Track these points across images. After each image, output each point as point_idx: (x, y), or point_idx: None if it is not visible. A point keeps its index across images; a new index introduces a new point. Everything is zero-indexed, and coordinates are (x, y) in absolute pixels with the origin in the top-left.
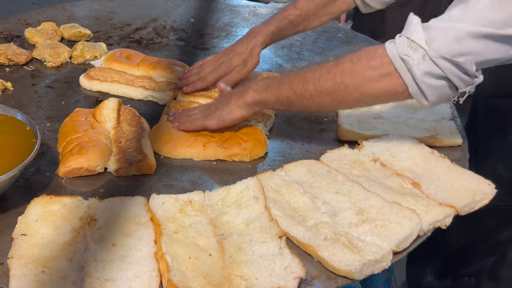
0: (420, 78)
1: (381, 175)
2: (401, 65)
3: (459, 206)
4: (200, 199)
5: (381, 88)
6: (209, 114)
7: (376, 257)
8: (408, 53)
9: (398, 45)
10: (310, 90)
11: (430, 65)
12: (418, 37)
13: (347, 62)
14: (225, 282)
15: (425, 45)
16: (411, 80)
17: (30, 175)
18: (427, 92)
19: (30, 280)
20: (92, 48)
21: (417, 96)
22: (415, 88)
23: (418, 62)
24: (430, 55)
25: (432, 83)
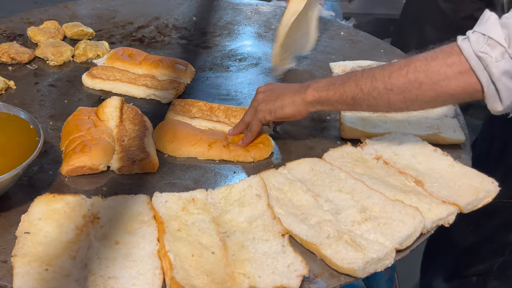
0: (497, 76)
1: (384, 173)
2: (477, 63)
3: (462, 204)
4: (203, 197)
5: (458, 86)
6: (259, 106)
7: (379, 255)
8: (486, 51)
9: (474, 43)
10: (379, 88)
11: (510, 64)
12: (496, 34)
13: (421, 60)
14: (228, 280)
15: (505, 43)
16: (487, 79)
17: (33, 173)
18: (503, 94)
19: (34, 278)
20: (95, 46)
21: (492, 98)
22: (491, 88)
23: (496, 59)
24: (510, 53)
25: (510, 84)
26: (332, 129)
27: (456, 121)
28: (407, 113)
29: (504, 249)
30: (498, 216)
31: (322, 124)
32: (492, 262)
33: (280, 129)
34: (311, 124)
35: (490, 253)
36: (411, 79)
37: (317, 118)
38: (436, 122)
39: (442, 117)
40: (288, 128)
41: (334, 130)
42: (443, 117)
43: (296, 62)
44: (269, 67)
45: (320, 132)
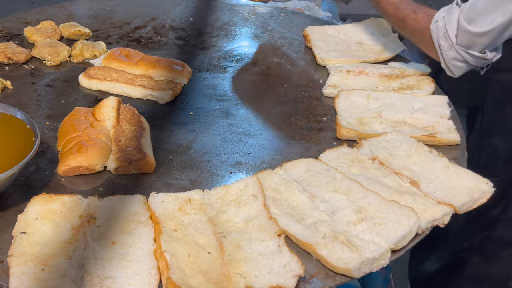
0: (448, 60)
1: (379, 174)
2: (437, 47)
3: (458, 205)
4: (199, 198)
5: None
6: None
7: (374, 255)
8: (440, 41)
9: (438, 30)
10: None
11: (455, 54)
12: (451, 30)
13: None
14: (224, 280)
15: (453, 38)
16: (442, 59)
17: (30, 173)
18: (453, 70)
19: (30, 278)
20: (92, 47)
21: (447, 71)
22: (444, 65)
23: (446, 49)
24: (456, 48)
25: (457, 64)
26: (328, 130)
27: (451, 123)
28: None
29: (485, 225)
30: None
31: (318, 124)
32: (474, 238)
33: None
34: (308, 125)
35: (473, 230)
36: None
37: (313, 119)
38: (432, 124)
39: (438, 119)
40: (284, 129)
41: (330, 131)
42: (439, 119)
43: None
44: (266, 68)
45: (317, 132)
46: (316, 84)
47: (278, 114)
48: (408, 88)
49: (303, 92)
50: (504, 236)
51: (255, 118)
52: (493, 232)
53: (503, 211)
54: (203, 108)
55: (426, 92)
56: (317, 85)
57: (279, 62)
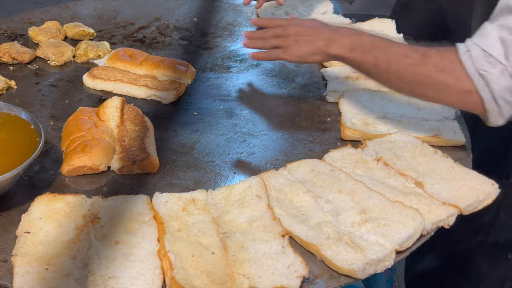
0: (499, 93)
1: (384, 175)
2: (479, 80)
3: (462, 206)
4: (203, 198)
5: (458, 100)
6: (289, 48)
7: (379, 256)
8: (486, 69)
9: (475, 59)
10: (391, 74)
11: (510, 81)
12: (497, 52)
13: (432, 65)
14: (228, 280)
15: (504, 61)
16: (488, 95)
17: (34, 173)
18: (503, 109)
19: (34, 278)
20: (96, 47)
21: (494, 113)
22: (492, 103)
23: (497, 77)
24: (510, 71)
25: (510, 99)
26: (332, 130)
27: (456, 123)
28: (408, 115)
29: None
30: None
31: (323, 125)
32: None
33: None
34: (312, 125)
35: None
36: (419, 80)
37: (318, 120)
38: (437, 124)
39: (443, 119)
40: (289, 129)
41: (335, 131)
42: (444, 119)
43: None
44: (269, 68)
45: (321, 133)
46: (320, 85)
47: (282, 115)
48: None
49: (307, 92)
50: (499, 241)
51: (259, 118)
52: (488, 237)
53: (495, 216)
54: (206, 108)
55: None
56: (321, 85)
57: (283, 62)
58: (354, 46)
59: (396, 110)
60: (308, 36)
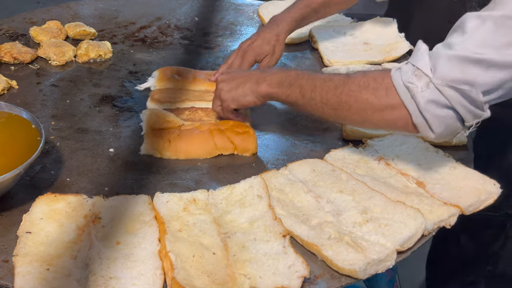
0: (424, 106)
1: (385, 174)
2: (405, 93)
3: (464, 206)
4: (204, 198)
5: (383, 118)
6: (223, 94)
7: (380, 256)
8: (413, 81)
9: (404, 73)
10: (317, 100)
11: (434, 93)
12: (423, 65)
13: (355, 84)
14: (229, 280)
15: (430, 73)
16: (415, 108)
17: (35, 173)
18: (432, 122)
19: (35, 278)
20: (97, 46)
21: (422, 127)
22: (419, 117)
23: (422, 89)
24: (435, 82)
25: (437, 112)
26: (333, 130)
27: None
28: None
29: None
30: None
31: (324, 125)
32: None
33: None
34: (313, 125)
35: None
36: (342, 101)
37: (319, 119)
38: None
39: None
40: (290, 129)
41: (336, 131)
42: None
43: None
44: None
45: (322, 133)
46: None
47: (283, 114)
48: None
49: None
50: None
51: (260, 118)
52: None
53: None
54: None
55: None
56: None
57: (285, 62)
58: (281, 80)
59: None
60: (238, 79)
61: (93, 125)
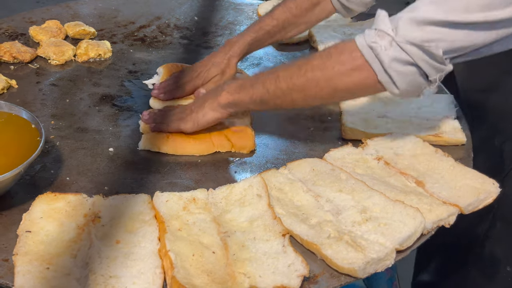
0: (388, 64)
1: (384, 174)
2: (369, 53)
3: (463, 205)
4: (203, 197)
5: (352, 81)
6: (184, 117)
7: (379, 255)
8: (376, 41)
9: (366, 36)
10: (283, 88)
11: (397, 51)
12: (385, 26)
13: (317, 59)
14: (229, 279)
15: (392, 32)
16: (379, 67)
17: (35, 172)
18: (396, 79)
19: (35, 277)
20: (96, 46)
21: (387, 84)
22: (384, 75)
23: (385, 48)
24: (397, 40)
25: (400, 69)
26: (333, 129)
27: (457, 122)
28: (409, 114)
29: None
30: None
31: (323, 124)
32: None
33: None
34: (312, 125)
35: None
36: (309, 78)
37: (318, 119)
38: (437, 123)
39: (443, 118)
40: (289, 128)
41: (335, 131)
42: (444, 118)
43: None
44: (270, 67)
45: (321, 132)
46: None
47: (282, 114)
48: None
49: None
50: (495, 254)
51: (259, 117)
52: (484, 249)
53: (491, 227)
54: None
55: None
56: None
57: (285, 61)
58: (241, 84)
59: (397, 109)
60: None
61: (93, 125)
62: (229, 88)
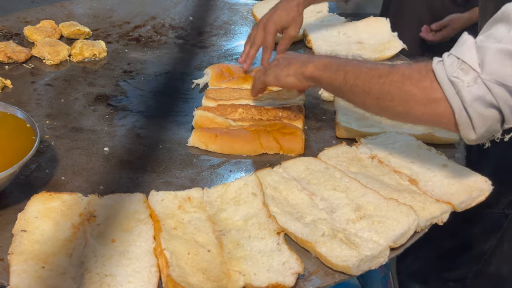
0: (469, 102)
1: (378, 172)
2: (450, 88)
3: (456, 203)
4: (199, 196)
5: (425, 112)
6: (268, 71)
7: (373, 253)
8: (458, 75)
9: (448, 66)
10: (359, 87)
11: (482, 89)
12: (470, 58)
13: (399, 75)
14: (224, 277)
15: (478, 68)
16: (459, 105)
17: (30, 172)
18: (475, 121)
19: (30, 276)
20: (91, 46)
21: (464, 126)
22: (463, 114)
23: (468, 84)
24: (483, 78)
25: (482, 111)
26: (327, 128)
27: None
28: None
29: (479, 258)
30: (478, 224)
31: (318, 123)
32: (467, 269)
33: None
34: (307, 124)
35: (467, 260)
36: (385, 91)
37: (313, 118)
38: None
39: None
40: None
41: (330, 130)
42: None
43: None
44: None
45: (316, 131)
46: None
47: None
48: None
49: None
50: (501, 272)
51: None
52: (489, 267)
53: (498, 245)
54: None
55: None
56: None
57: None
58: (328, 64)
59: None
60: (288, 60)
61: (88, 124)
62: (318, 62)
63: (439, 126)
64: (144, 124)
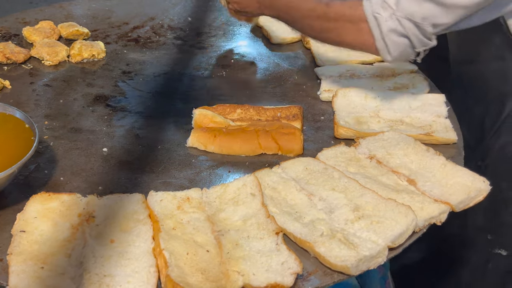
0: (386, 33)
1: (377, 172)
2: (372, 21)
3: (454, 203)
4: (198, 196)
5: (355, 39)
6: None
7: (371, 253)
8: (379, 11)
9: (374, 4)
10: (306, 28)
11: (395, 23)
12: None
13: (334, 13)
14: (223, 277)
15: (394, 6)
16: (379, 35)
17: (29, 172)
18: (390, 47)
19: (29, 276)
20: (90, 46)
21: (382, 51)
22: (381, 42)
23: (386, 20)
24: (397, 15)
25: (396, 39)
26: (326, 129)
27: (448, 122)
28: (401, 114)
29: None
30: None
31: (316, 124)
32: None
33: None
34: (305, 124)
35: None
36: (324, 28)
37: (311, 118)
38: (429, 122)
39: (435, 118)
40: None
41: (328, 130)
42: (436, 118)
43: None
44: (264, 67)
45: (314, 131)
46: (314, 84)
47: None
48: (403, 88)
49: (301, 91)
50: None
51: None
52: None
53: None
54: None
55: (421, 90)
56: (315, 84)
57: (278, 62)
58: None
59: (389, 108)
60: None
61: (87, 125)
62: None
63: (364, 50)
64: (143, 125)
